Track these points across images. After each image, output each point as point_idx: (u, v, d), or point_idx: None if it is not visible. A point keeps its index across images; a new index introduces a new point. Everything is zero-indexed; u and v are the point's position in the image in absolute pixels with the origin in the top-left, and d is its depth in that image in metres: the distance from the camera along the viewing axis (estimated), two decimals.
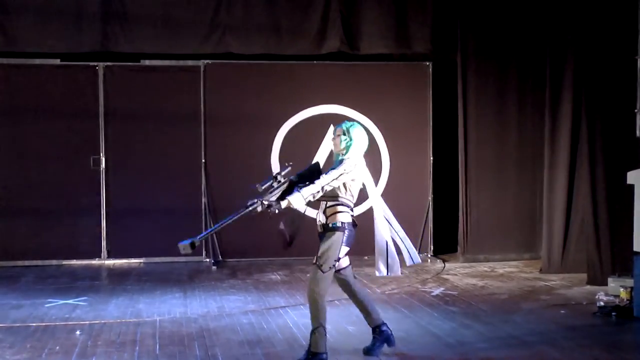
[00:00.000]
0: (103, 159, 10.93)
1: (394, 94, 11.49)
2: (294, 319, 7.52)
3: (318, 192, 5.91)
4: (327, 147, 11.28)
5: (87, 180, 10.89)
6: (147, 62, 11.06)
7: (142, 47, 10.79)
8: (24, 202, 10.71)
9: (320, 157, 11.26)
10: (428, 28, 11.12)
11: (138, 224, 10.94)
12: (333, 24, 10.94)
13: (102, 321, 7.43)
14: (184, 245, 5.65)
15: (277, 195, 5.93)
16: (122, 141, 10.99)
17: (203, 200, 11.05)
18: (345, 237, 6.00)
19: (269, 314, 7.78)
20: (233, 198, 11.01)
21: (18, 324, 7.31)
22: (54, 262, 10.77)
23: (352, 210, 6.12)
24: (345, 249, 6.06)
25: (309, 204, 6.01)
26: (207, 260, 10.95)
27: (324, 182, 5.93)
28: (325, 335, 6.01)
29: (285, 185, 5.99)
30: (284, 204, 5.85)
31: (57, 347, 6.48)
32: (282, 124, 11.24)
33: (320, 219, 6.10)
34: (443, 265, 10.77)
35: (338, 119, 11.31)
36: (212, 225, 10.80)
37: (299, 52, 11.07)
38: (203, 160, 11.11)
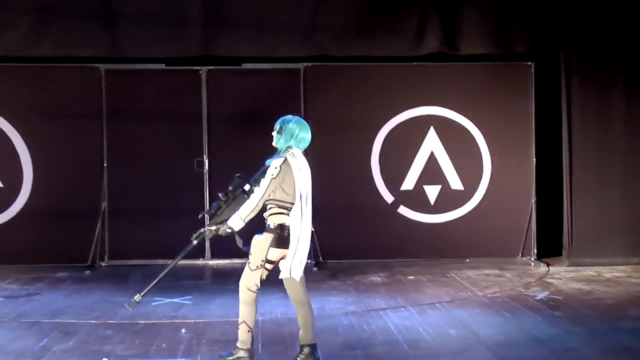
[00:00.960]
0: (206, 161, 11.17)
1: (495, 94, 11.32)
2: (395, 321, 7.51)
3: (256, 206, 5.88)
4: (428, 148, 11.23)
5: (191, 182, 11.14)
6: (248, 66, 11.24)
7: (243, 51, 10.96)
8: (132, 203, 11.03)
9: (421, 159, 11.22)
10: (530, 27, 10.89)
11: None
12: (432, 24, 10.84)
13: (206, 320, 7.59)
14: (128, 301, 6.03)
15: (226, 216, 5.97)
16: (225, 143, 11.19)
17: None
18: (274, 240, 5.88)
19: (369, 315, 7.79)
20: (334, 199, 11.16)
21: (127, 321, 7.55)
22: (160, 261, 11.03)
23: (289, 211, 5.90)
24: (275, 251, 5.92)
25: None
26: (308, 261, 10.99)
27: (258, 196, 5.89)
28: (249, 332, 5.92)
29: (231, 202, 6.00)
30: (223, 228, 5.94)
31: (164, 345, 6.66)
32: (382, 126, 11.24)
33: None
34: (547, 268, 10.55)
35: (438, 121, 11.28)
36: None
37: (397, 54, 11.01)
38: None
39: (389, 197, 11.24)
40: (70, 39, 10.65)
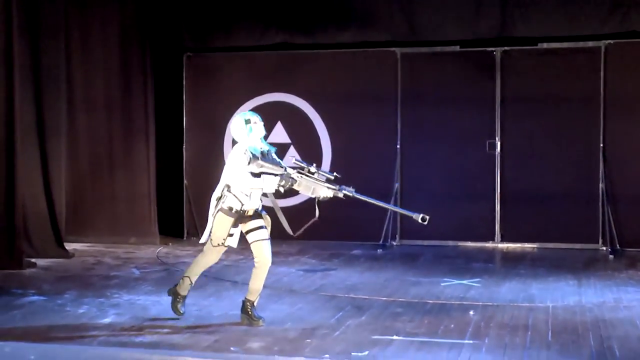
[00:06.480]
0: (498, 143, 11.04)
1: None
2: None
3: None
4: None
5: (483, 164, 11.08)
6: (544, 45, 10.92)
7: (539, 31, 10.71)
8: (424, 185, 11.18)
9: None
10: None
11: (532, 209, 10.89)
12: None
13: (495, 303, 7.53)
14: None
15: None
16: (518, 125, 11.00)
17: (600, 186, 10.64)
18: None
19: None
20: (634, 185, 10.54)
21: (416, 300, 7.70)
22: (450, 242, 11.14)
23: None
24: None
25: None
26: (604, 248, 10.55)
27: None
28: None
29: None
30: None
31: (452, 325, 6.71)
32: None
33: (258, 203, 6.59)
34: None
35: None
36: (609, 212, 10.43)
37: None
38: (601, 145, 10.69)
39: None
40: (369, 24, 11.07)
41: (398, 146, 11.30)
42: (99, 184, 11.22)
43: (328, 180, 6.49)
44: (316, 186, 6.46)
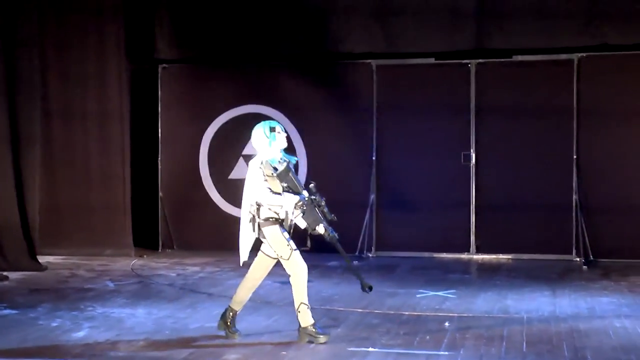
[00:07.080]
0: (473, 155, 11.10)
1: None
2: None
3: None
4: None
5: (458, 176, 11.12)
6: (519, 58, 11.00)
7: (515, 43, 10.82)
8: (398, 196, 11.20)
9: None
10: None
11: (507, 220, 10.95)
12: None
13: (471, 314, 7.55)
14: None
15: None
16: (493, 137, 11.06)
17: (574, 197, 10.73)
18: None
19: None
20: (606, 196, 10.64)
21: (392, 311, 7.70)
22: (426, 254, 11.17)
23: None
24: None
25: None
26: (578, 259, 10.62)
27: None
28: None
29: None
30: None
31: (428, 337, 6.71)
32: None
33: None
34: None
35: None
36: (583, 223, 10.49)
37: None
38: (574, 156, 10.79)
39: None
40: (345, 36, 11.12)
41: (374, 157, 11.32)
42: (74, 196, 11.13)
43: (326, 220, 6.50)
44: (317, 219, 6.46)
